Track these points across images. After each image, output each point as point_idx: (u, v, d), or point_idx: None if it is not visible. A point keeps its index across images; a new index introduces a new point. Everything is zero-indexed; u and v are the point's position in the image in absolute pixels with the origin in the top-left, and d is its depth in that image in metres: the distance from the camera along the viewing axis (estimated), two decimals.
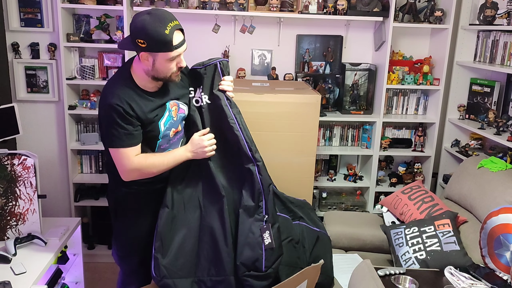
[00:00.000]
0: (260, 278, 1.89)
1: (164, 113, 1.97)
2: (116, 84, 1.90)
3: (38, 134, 3.35)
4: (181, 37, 1.83)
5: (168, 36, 1.75)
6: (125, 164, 1.88)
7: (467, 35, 3.36)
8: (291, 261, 2.00)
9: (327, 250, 2.24)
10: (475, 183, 2.47)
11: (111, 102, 1.82)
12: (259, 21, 3.34)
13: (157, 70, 1.84)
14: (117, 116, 1.82)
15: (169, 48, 1.78)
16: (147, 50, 1.78)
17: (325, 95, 3.41)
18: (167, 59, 1.81)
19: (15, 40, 3.20)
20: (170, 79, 1.91)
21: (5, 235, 2.24)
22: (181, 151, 2.01)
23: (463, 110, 3.42)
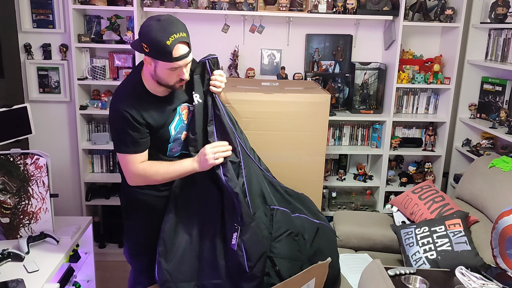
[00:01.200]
0: (248, 279, 1.88)
1: (175, 117, 1.98)
2: (127, 88, 1.91)
3: (50, 134, 3.39)
4: (185, 50, 1.78)
5: (168, 47, 1.72)
6: (130, 169, 1.90)
7: (478, 33, 3.33)
8: (292, 254, 1.98)
9: (329, 241, 2.19)
10: (486, 183, 2.45)
11: (120, 107, 1.84)
12: (269, 20, 3.34)
13: (158, 76, 1.84)
14: (125, 122, 1.83)
15: (168, 59, 1.76)
16: (150, 55, 1.78)
17: (335, 94, 3.40)
18: (167, 68, 1.79)
19: (28, 41, 3.24)
20: (173, 88, 1.90)
21: (18, 234, 2.27)
22: (188, 162, 1.96)
23: (474, 109, 3.39)
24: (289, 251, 1.98)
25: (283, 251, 1.97)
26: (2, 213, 2.23)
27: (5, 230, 2.25)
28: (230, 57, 3.37)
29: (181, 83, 1.89)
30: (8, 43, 3.10)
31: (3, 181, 2.21)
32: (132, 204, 2.09)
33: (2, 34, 3.02)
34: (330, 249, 2.14)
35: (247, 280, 1.88)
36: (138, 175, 1.92)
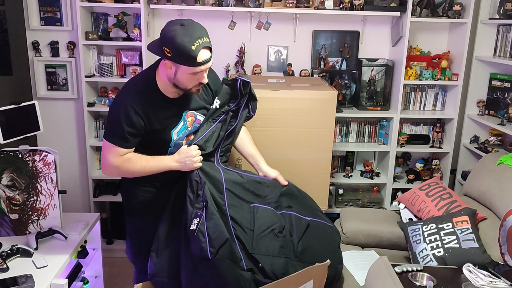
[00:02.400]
0: (209, 266, 1.84)
1: (179, 122, 1.98)
2: (138, 85, 1.91)
3: (58, 131, 3.41)
4: (208, 55, 1.81)
5: (194, 52, 1.74)
6: (108, 159, 1.90)
7: (486, 29, 3.31)
8: (273, 250, 1.94)
9: (324, 239, 2.12)
10: (494, 180, 2.43)
11: (126, 99, 1.85)
12: (275, 17, 3.33)
13: (178, 80, 1.85)
14: (124, 115, 1.83)
15: (193, 64, 1.77)
16: (172, 60, 1.78)
17: (342, 91, 3.39)
18: (189, 73, 1.80)
19: (36, 38, 3.26)
20: (190, 91, 1.91)
21: (27, 230, 2.29)
22: (166, 160, 1.95)
23: (482, 106, 3.36)
24: (270, 247, 1.94)
25: (264, 248, 1.93)
26: (11, 209, 2.25)
27: (14, 226, 2.27)
28: (236, 53, 3.37)
29: (198, 87, 1.90)
30: (16, 41, 3.13)
31: (12, 178, 2.23)
32: (132, 202, 2.10)
33: (11, 32, 3.05)
34: (325, 247, 2.09)
35: (208, 267, 1.84)
36: (114, 166, 1.91)
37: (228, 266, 1.85)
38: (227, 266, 1.85)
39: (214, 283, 1.86)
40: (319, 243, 2.07)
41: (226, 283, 1.85)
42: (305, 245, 2.01)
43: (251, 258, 1.92)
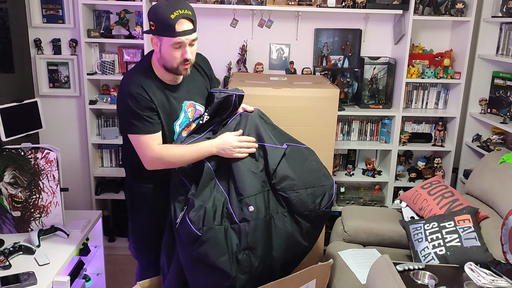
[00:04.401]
0: (202, 243, 1.84)
1: (180, 114, 1.99)
2: (136, 73, 1.93)
3: (60, 128, 3.41)
4: (189, 26, 1.81)
5: (172, 21, 1.75)
6: (146, 152, 1.89)
7: (489, 27, 3.30)
8: (257, 189, 1.93)
9: (302, 162, 2.07)
10: (496, 178, 2.43)
11: (130, 90, 1.85)
12: (277, 15, 3.33)
13: (163, 57, 1.85)
14: (136, 104, 1.83)
15: (171, 34, 1.77)
16: (155, 33, 1.82)
17: (344, 89, 3.39)
18: (170, 45, 1.80)
19: (38, 36, 3.26)
20: (178, 71, 1.89)
21: (29, 227, 2.30)
22: (206, 144, 1.94)
23: (484, 104, 3.36)
24: (254, 186, 1.93)
25: (248, 189, 1.91)
26: (14, 206, 2.26)
27: (16, 223, 2.28)
28: (238, 51, 3.37)
29: (185, 65, 1.87)
30: (18, 38, 3.13)
31: (14, 175, 2.23)
32: (136, 198, 2.11)
33: (13, 29, 3.04)
34: (304, 169, 2.04)
35: (201, 244, 1.84)
36: (156, 158, 1.89)
37: (216, 231, 1.84)
38: (216, 232, 1.84)
39: (212, 257, 1.84)
40: (297, 167, 2.04)
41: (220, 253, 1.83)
42: (282, 173, 1.99)
43: (241, 207, 1.90)
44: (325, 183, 2.06)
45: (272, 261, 1.94)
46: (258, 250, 1.88)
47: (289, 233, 1.97)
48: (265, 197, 1.95)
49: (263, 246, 1.90)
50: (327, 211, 2.06)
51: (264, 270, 1.91)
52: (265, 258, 1.91)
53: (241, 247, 1.87)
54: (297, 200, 1.98)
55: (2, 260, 1.99)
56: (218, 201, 1.92)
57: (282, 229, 1.97)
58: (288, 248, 1.97)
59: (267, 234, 1.92)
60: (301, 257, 2.10)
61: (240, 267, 1.86)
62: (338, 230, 2.73)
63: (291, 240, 1.98)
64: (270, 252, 1.93)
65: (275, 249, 1.95)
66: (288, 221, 1.99)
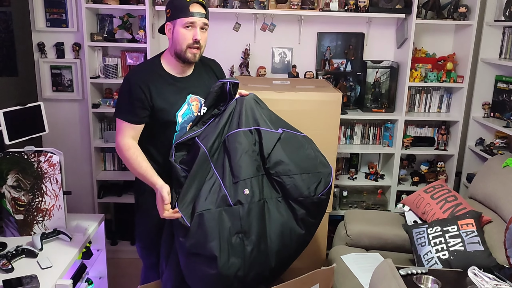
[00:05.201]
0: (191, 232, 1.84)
1: (183, 105, 2.02)
2: (143, 65, 2.09)
3: (63, 132, 3.42)
4: (201, 10, 1.93)
5: (186, 3, 1.90)
6: (118, 137, 1.97)
7: (492, 31, 3.29)
8: (252, 172, 1.92)
9: (298, 148, 2.05)
10: (500, 183, 2.42)
11: (130, 77, 1.97)
12: (280, 19, 3.33)
13: (175, 40, 1.95)
14: (129, 88, 1.94)
15: (185, 13, 1.90)
16: (170, 18, 1.95)
17: (346, 93, 3.39)
18: (183, 24, 1.91)
19: (41, 40, 3.27)
20: (186, 55, 1.95)
21: (32, 230, 2.30)
22: (153, 180, 1.91)
23: (487, 108, 3.35)
24: (249, 170, 1.92)
25: (244, 173, 1.90)
26: (16, 210, 2.26)
27: (19, 226, 2.28)
28: (241, 55, 3.37)
29: (194, 48, 1.95)
30: (22, 42, 3.15)
31: (18, 179, 2.24)
32: (141, 196, 2.14)
33: (16, 33, 3.06)
34: (299, 156, 2.02)
35: (191, 232, 1.84)
36: (120, 147, 1.96)
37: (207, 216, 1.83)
38: (207, 217, 1.82)
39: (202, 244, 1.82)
40: (292, 153, 2.02)
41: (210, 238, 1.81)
42: (276, 158, 1.97)
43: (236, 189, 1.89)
44: (321, 170, 2.03)
45: (267, 247, 1.91)
46: (251, 235, 1.86)
47: (283, 219, 1.95)
48: (259, 181, 1.94)
49: (257, 231, 1.87)
50: (323, 198, 2.02)
51: (258, 256, 1.88)
52: (259, 243, 1.88)
53: (234, 230, 1.85)
54: (291, 185, 1.95)
55: (5, 263, 1.99)
56: (212, 185, 1.91)
57: (276, 214, 1.94)
58: (282, 234, 1.94)
59: (261, 219, 1.90)
60: (299, 247, 2.06)
61: (234, 251, 1.84)
62: (340, 234, 2.72)
63: (285, 226, 1.95)
64: (264, 237, 1.90)
65: (269, 234, 1.92)
66: (282, 206, 1.97)
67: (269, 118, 2.08)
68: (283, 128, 2.07)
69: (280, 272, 2.05)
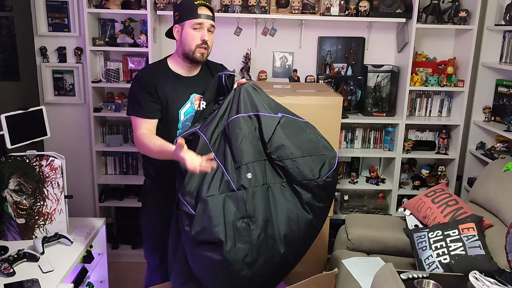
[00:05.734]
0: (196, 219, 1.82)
1: (186, 103, 2.07)
2: (150, 64, 2.19)
3: (64, 136, 3.43)
4: (208, 13, 2.01)
5: (194, 5, 1.99)
6: (134, 133, 2.04)
7: (492, 35, 3.30)
8: (254, 156, 1.90)
9: (298, 133, 2.01)
10: (501, 187, 2.42)
11: (138, 75, 2.06)
12: (281, 23, 3.35)
13: (183, 41, 2.02)
14: (137, 86, 2.03)
15: (194, 15, 1.98)
16: (178, 21, 2.03)
17: (347, 97, 3.40)
18: (191, 25, 1.99)
19: (43, 44, 3.29)
20: (195, 55, 2.02)
21: (33, 234, 2.31)
22: (170, 150, 1.88)
23: (488, 112, 3.35)
24: (249, 154, 1.90)
25: (246, 157, 1.88)
26: (18, 213, 2.26)
27: (20, 230, 2.29)
28: (242, 60, 3.38)
29: (202, 48, 2.02)
30: (24, 47, 3.16)
31: (19, 182, 2.24)
32: (147, 197, 2.19)
33: (19, 38, 3.08)
34: (300, 139, 1.98)
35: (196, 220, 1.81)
36: (138, 141, 2.01)
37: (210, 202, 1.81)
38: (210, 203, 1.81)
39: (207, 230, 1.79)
40: (294, 137, 1.98)
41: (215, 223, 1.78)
42: (277, 142, 1.94)
43: (239, 174, 1.87)
44: (324, 153, 1.98)
45: (274, 232, 1.87)
46: (257, 219, 1.83)
47: (289, 204, 1.91)
48: (262, 166, 1.91)
49: (262, 215, 1.84)
50: (328, 181, 1.95)
51: (266, 241, 1.84)
52: (265, 227, 1.84)
53: (240, 215, 1.82)
54: (294, 168, 1.91)
55: (7, 267, 1.99)
56: (214, 173, 1.88)
57: (281, 199, 1.91)
58: (289, 219, 1.89)
59: (266, 203, 1.87)
60: (309, 233, 1.98)
61: (240, 236, 1.81)
62: (341, 238, 2.72)
63: (291, 210, 1.90)
64: (270, 222, 1.86)
65: (275, 219, 1.88)
66: (287, 191, 1.93)
67: (268, 103, 2.03)
68: (282, 113, 2.04)
69: (293, 260, 1.98)
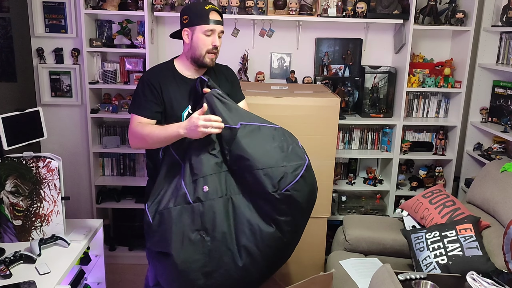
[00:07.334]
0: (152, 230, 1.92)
1: (188, 106, 2.08)
2: (156, 65, 2.18)
3: (61, 137, 3.42)
4: (219, 18, 2.04)
5: (206, 11, 2.00)
6: (129, 129, 2.04)
7: (489, 37, 3.31)
8: (212, 169, 1.91)
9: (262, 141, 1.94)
10: (498, 187, 2.43)
11: (144, 76, 2.09)
12: (278, 24, 3.35)
13: (194, 46, 2.03)
14: (142, 86, 2.04)
15: (205, 21, 2.00)
16: (188, 25, 2.04)
17: (345, 98, 3.40)
18: (203, 31, 2.01)
19: (40, 45, 3.28)
20: (205, 60, 2.05)
21: (30, 236, 2.30)
22: (174, 126, 1.93)
23: (485, 113, 3.36)
24: (210, 167, 1.91)
25: (205, 169, 1.90)
26: (15, 215, 2.26)
27: (17, 232, 2.28)
28: (240, 61, 3.38)
29: (212, 54, 2.05)
30: (21, 48, 3.15)
31: (16, 184, 2.23)
32: (148, 193, 2.17)
33: (15, 39, 3.07)
34: (265, 149, 1.91)
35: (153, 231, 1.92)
36: (133, 134, 2.02)
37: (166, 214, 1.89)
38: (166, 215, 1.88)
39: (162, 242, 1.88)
40: (255, 147, 1.91)
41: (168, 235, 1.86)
42: (236, 153, 1.91)
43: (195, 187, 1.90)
44: (286, 164, 1.88)
45: (232, 243, 1.85)
46: (214, 231, 1.84)
47: (250, 215, 1.87)
48: (221, 178, 1.92)
49: (220, 227, 1.84)
50: (287, 194, 1.84)
51: (223, 252, 1.84)
52: (223, 239, 1.84)
53: (194, 227, 1.85)
54: (253, 180, 1.86)
55: (3, 269, 1.98)
56: (176, 184, 1.95)
57: (243, 210, 1.88)
58: (251, 231, 1.85)
59: (225, 215, 1.86)
60: (275, 246, 1.89)
61: (195, 248, 1.84)
62: (339, 239, 2.72)
63: (252, 222, 1.86)
64: (229, 233, 1.85)
65: (234, 231, 1.86)
66: (248, 203, 1.89)
67: (228, 113, 1.99)
68: (243, 122, 1.98)
69: (259, 275, 1.93)
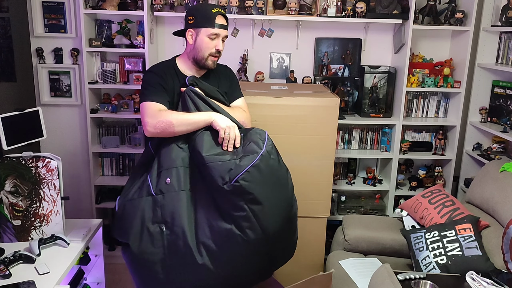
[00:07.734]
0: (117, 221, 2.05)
1: None
2: (159, 63, 2.19)
3: (61, 137, 3.42)
4: (224, 22, 2.05)
5: (213, 14, 2.00)
6: (144, 117, 1.95)
7: (488, 37, 3.31)
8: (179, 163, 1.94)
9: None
10: (497, 187, 2.43)
11: (150, 69, 2.12)
12: (278, 24, 3.35)
13: (197, 47, 2.04)
14: (152, 76, 2.05)
15: (211, 24, 2.00)
16: (193, 26, 2.04)
17: (344, 98, 3.40)
18: (208, 35, 2.02)
19: (40, 45, 3.28)
20: (207, 62, 2.06)
21: (30, 236, 2.30)
22: (207, 112, 1.96)
23: (485, 113, 3.36)
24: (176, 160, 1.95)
25: (171, 162, 1.95)
26: (14, 215, 2.25)
27: (17, 232, 2.28)
28: (239, 60, 3.38)
29: (215, 57, 2.07)
30: (21, 48, 3.15)
31: (15, 184, 2.23)
32: None
33: (15, 39, 3.07)
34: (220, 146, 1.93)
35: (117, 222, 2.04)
36: (156, 119, 1.92)
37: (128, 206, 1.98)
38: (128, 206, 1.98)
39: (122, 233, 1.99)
40: (213, 141, 1.95)
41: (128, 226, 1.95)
42: (194, 149, 1.93)
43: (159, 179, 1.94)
44: (236, 157, 1.84)
45: (192, 239, 1.83)
46: (172, 224, 1.83)
47: (209, 211, 1.85)
48: (186, 172, 1.93)
49: (179, 221, 1.84)
50: (237, 185, 1.77)
51: (180, 247, 1.82)
52: (181, 233, 1.83)
53: (155, 219, 1.88)
54: (206, 174, 1.85)
55: (2, 269, 1.98)
56: (141, 177, 2.01)
57: (202, 206, 1.87)
58: (210, 229, 1.82)
59: (185, 209, 1.86)
60: (235, 245, 1.81)
61: (153, 240, 1.87)
62: (338, 239, 2.72)
63: (211, 219, 1.83)
64: (187, 228, 1.83)
65: (193, 227, 1.85)
66: (207, 198, 1.88)
67: (195, 111, 2.01)
68: None
69: (223, 272, 1.85)
